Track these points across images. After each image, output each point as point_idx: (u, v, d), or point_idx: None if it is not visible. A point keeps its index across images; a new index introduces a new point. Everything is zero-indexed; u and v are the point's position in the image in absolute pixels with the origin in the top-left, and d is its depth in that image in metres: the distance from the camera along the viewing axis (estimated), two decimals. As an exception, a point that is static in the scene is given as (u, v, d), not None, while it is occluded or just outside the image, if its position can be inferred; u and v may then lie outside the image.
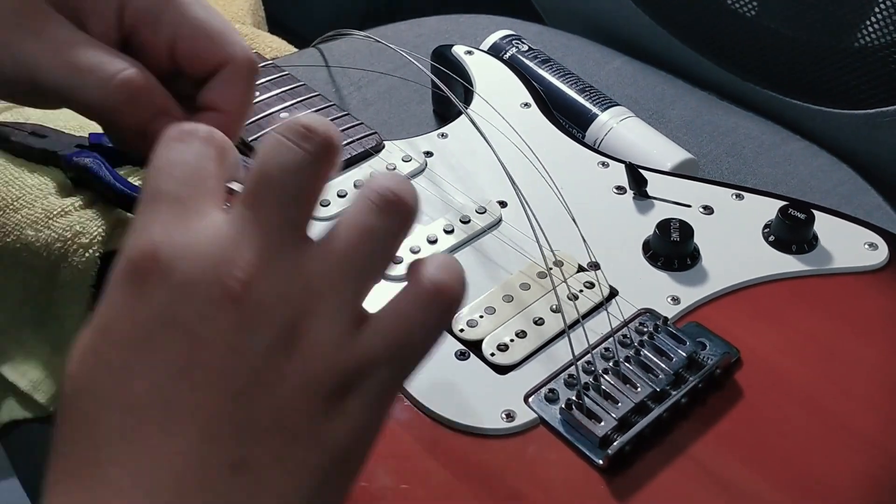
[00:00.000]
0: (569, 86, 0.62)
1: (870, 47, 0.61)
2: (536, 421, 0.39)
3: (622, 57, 0.71)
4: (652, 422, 0.38)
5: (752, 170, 0.62)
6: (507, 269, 0.46)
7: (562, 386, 0.40)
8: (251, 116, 0.54)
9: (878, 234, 0.47)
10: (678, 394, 0.39)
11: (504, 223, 0.48)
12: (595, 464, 0.37)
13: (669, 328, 0.42)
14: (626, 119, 0.59)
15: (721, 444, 0.38)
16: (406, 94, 0.67)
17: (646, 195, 0.50)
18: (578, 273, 0.45)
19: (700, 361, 0.40)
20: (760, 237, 0.47)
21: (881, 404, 0.40)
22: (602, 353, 0.41)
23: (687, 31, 0.69)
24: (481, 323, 0.43)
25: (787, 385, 0.41)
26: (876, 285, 0.45)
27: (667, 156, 0.57)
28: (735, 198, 0.49)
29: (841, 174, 0.62)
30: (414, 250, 0.47)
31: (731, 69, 0.67)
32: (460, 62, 0.60)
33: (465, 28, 0.74)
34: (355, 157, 0.52)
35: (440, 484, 0.37)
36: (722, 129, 0.65)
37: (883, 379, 0.41)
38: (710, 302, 0.44)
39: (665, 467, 0.37)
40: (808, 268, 0.45)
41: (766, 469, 0.37)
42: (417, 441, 0.38)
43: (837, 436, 0.39)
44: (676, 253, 0.45)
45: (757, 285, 0.45)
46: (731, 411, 0.40)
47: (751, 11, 0.66)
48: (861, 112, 0.62)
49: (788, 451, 0.38)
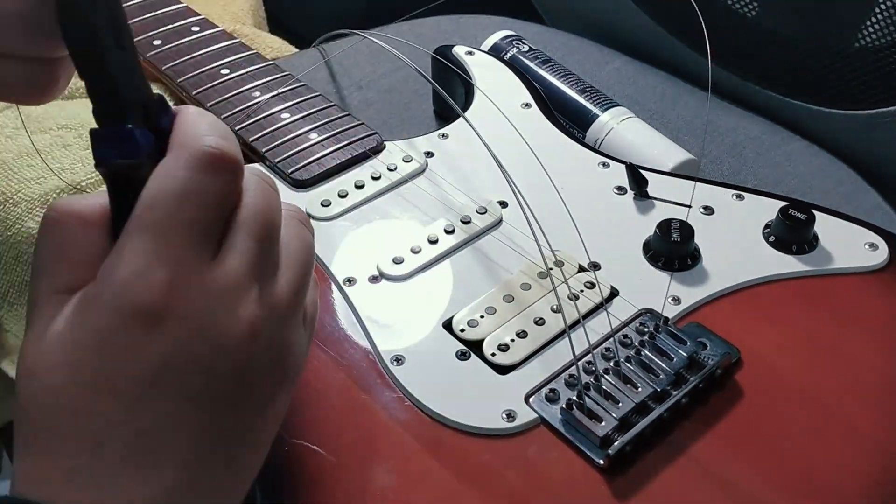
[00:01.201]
0: (569, 86, 0.62)
1: (870, 48, 0.61)
2: (537, 421, 0.39)
3: (622, 57, 0.71)
4: (653, 422, 0.38)
5: (752, 170, 0.62)
6: (507, 270, 0.46)
7: (562, 386, 0.40)
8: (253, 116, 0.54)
9: (878, 234, 0.47)
10: (679, 394, 0.39)
11: (505, 223, 0.49)
12: (596, 464, 0.37)
13: (670, 328, 0.42)
14: (626, 119, 0.59)
15: (721, 445, 0.38)
16: (407, 94, 0.67)
17: (646, 195, 0.50)
18: (579, 273, 0.45)
19: (700, 362, 0.40)
20: (761, 237, 0.47)
21: (882, 404, 0.40)
22: (603, 353, 0.41)
23: (687, 31, 0.69)
24: (482, 323, 0.43)
25: (788, 385, 0.41)
26: (876, 286, 0.45)
27: (667, 156, 0.57)
28: (735, 198, 0.49)
29: (841, 174, 0.62)
30: (415, 250, 0.47)
31: (731, 69, 0.67)
32: (461, 63, 0.60)
33: (465, 28, 0.74)
34: (356, 158, 0.52)
35: (441, 484, 0.37)
36: (722, 129, 0.65)
37: (883, 379, 0.41)
38: (711, 302, 0.44)
39: (665, 467, 0.38)
40: (809, 268, 0.45)
41: (767, 469, 0.38)
42: (418, 441, 0.38)
43: (838, 436, 0.39)
44: (677, 253, 0.45)
45: (757, 285, 0.45)
46: (731, 412, 0.40)
47: (751, 12, 0.66)
48: (861, 112, 0.62)
49: (789, 451, 0.38)
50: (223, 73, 0.58)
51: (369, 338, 0.43)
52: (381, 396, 0.40)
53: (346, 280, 0.45)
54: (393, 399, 0.40)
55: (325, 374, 0.41)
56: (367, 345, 0.42)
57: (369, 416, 0.40)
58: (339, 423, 0.39)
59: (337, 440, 0.38)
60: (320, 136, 0.53)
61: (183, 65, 0.59)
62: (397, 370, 0.41)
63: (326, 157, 0.52)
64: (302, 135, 0.53)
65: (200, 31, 0.62)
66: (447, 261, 0.47)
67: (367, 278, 0.45)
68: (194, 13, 0.65)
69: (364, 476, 0.37)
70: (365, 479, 0.37)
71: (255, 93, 0.56)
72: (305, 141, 0.53)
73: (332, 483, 0.37)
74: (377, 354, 0.42)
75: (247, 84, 0.57)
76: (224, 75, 0.58)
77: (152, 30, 0.63)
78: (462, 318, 0.43)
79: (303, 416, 0.39)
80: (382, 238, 0.48)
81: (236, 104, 0.55)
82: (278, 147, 0.52)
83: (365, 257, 0.46)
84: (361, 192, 0.50)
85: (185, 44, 0.61)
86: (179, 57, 0.60)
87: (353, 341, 0.43)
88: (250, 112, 0.55)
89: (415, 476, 0.37)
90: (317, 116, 0.55)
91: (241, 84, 0.57)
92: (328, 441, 0.38)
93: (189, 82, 0.57)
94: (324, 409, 0.40)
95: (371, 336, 0.43)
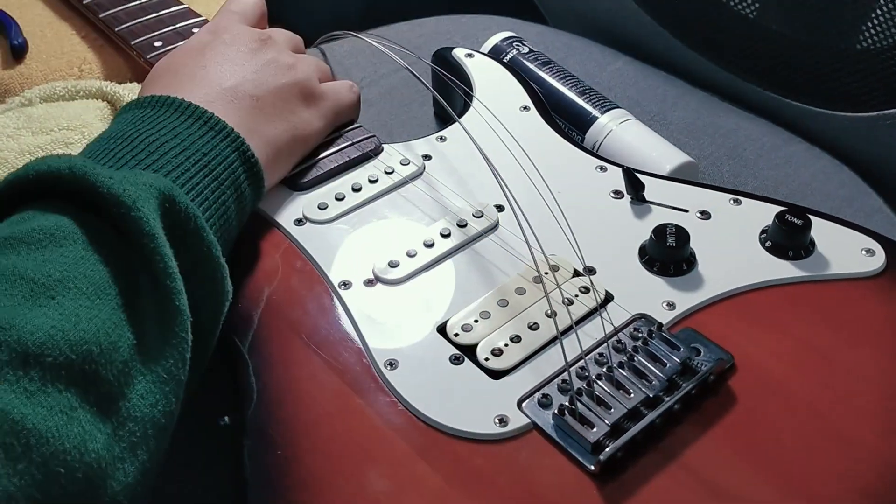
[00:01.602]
0: (569, 88, 0.61)
1: (871, 50, 0.61)
2: (529, 426, 0.39)
3: (624, 58, 0.71)
4: (645, 428, 0.38)
5: (752, 172, 0.62)
6: (502, 274, 0.46)
7: (555, 391, 0.40)
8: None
9: (875, 240, 0.46)
10: (671, 400, 0.39)
11: (501, 227, 0.49)
12: (587, 469, 0.37)
13: (664, 334, 0.42)
14: (625, 122, 0.59)
15: (714, 451, 0.38)
16: (407, 95, 0.67)
17: (643, 200, 0.49)
18: (574, 278, 0.45)
19: (694, 367, 0.40)
20: (757, 242, 0.47)
21: (877, 411, 0.40)
22: (596, 358, 0.41)
23: (688, 32, 0.69)
24: (476, 327, 0.43)
25: (782, 391, 0.40)
26: (873, 291, 0.45)
27: (666, 159, 0.57)
28: (732, 202, 0.49)
29: (842, 177, 0.62)
30: (410, 254, 0.47)
31: (732, 71, 0.67)
32: (461, 65, 0.60)
33: (465, 28, 0.74)
34: (353, 161, 0.52)
35: (433, 488, 0.37)
36: (723, 130, 0.65)
37: (879, 385, 0.41)
38: (706, 308, 0.44)
39: (657, 473, 0.38)
40: (805, 274, 0.45)
41: (760, 476, 0.37)
42: (410, 445, 0.38)
43: (832, 442, 0.39)
44: (672, 258, 0.45)
45: (753, 291, 0.45)
46: (724, 418, 0.40)
47: (752, 13, 0.66)
48: (862, 115, 0.62)
49: (782, 457, 0.38)
50: (223, 74, 0.58)
51: (363, 341, 0.43)
52: (374, 400, 0.40)
53: (341, 283, 0.45)
54: (386, 403, 0.40)
55: (318, 377, 0.41)
56: (362, 348, 0.42)
57: (362, 419, 0.40)
58: (332, 427, 0.39)
59: (330, 444, 0.39)
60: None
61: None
62: (391, 374, 0.41)
63: (324, 160, 0.52)
64: (300, 137, 0.53)
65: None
66: (443, 264, 0.47)
67: (363, 282, 0.46)
68: (195, 14, 0.65)
69: (357, 481, 0.37)
70: (357, 483, 0.37)
71: (254, 94, 0.56)
72: (303, 143, 0.53)
73: (324, 488, 0.37)
74: (371, 358, 0.42)
75: (246, 86, 0.57)
76: (224, 77, 0.58)
77: (154, 31, 0.63)
78: (456, 323, 0.43)
79: (296, 419, 0.39)
80: (379, 241, 0.48)
81: (235, 106, 0.55)
82: (276, 149, 0.52)
83: (361, 261, 0.47)
84: (358, 195, 0.50)
85: (185, 45, 0.61)
86: (179, 58, 0.60)
87: (348, 344, 0.43)
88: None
89: (407, 481, 0.38)
90: (315, 118, 0.55)
91: (241, 86, 0.57)
92: (321, 445, 0.39)
93: (189, 84, 0.57)
94: (317, 413, 0.40)
95: (365, 339, 0.43)
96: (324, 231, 0.48)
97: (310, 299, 0.45)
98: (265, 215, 0.49)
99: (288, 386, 0.41)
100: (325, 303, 0.45)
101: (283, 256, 0.47)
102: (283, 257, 0.47)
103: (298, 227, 0.49)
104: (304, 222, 0.49)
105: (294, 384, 0.41)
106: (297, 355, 0.42)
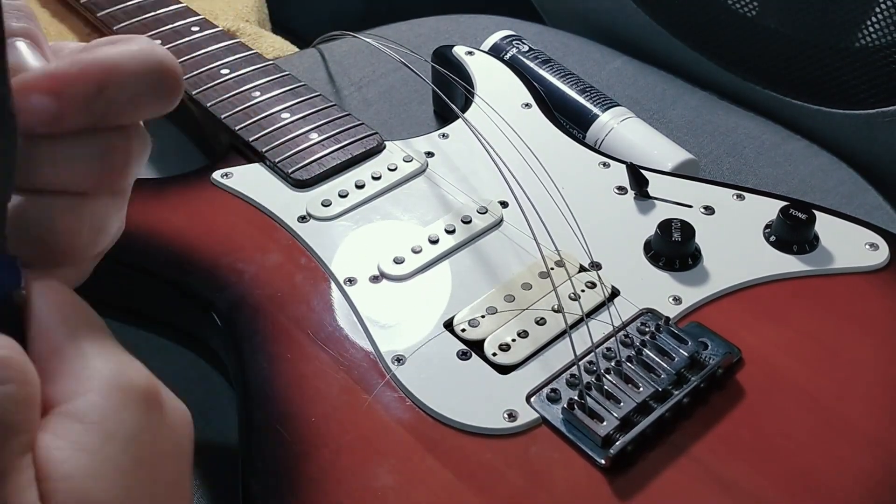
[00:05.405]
0: (569, 86, 0.62)
1: (870, 47, 0.61)
2: (538, 421, 0.39)
3: (622, 57, 0.71)
4: (654, 422, 0.38)
5: (752, 170, 0.62)
6: (508, 269, 0.46)
7: (564, 386, 0.40)
8: (253, 116, 0.54)
9: (878, 234, 0.47)
10: (680, 394, 0.39)
11: (505, 223, 0.49)
12: (597, 463, 0.37)
13: (671, 328, 0.42)
14: (626, 119, 0.59)
15: (723, 444, 0.38)
16: (407, 94, 0.67)
17: (647, 195, 0.50)
18: (580, 273, 0.45)
19: (702, 361, 0.40)
20: (761, 237, 0.47)
21: (883, 404, 0.40)
22: (604, 352, 0.41)
23: (687, 31, 0.69)
24: (483, 323, 0.43)
25: (789, 385, 0.41)
26: (877, 285, 0.45)
27: (668, 156, 0.57)
28: (736, 198, 0.49)
29: (841, 174, 0.62)
30: (415, 250, 0.47)
31: (731, 69, 0.68)
32: (461, 63, 0.60)
33: (465, 28, 0.74)
34: (356, 158, 0.52)
35: (442, 483, 0.37)
36: (722, 128, 0.65)
37: (884, 379, 0.41)
38: (712, 302, 0.44)
39: (667, 467, 0.37)
40: (809, 268, 0.45)
41: (768, 469, 0.38)
42: (419, 441, 0.38)
43: (839, 436, 0.39)
44: (678, 253, 0.45)
45: (758, 285, 0.45)
46: (732, 411, 0.40)
47: (751, 11, 0.66)
48: (861, 112, 0.62)
49: (790, 450, 0.38)
50: (223, 73, 0.58)
51: (370, 338, 0.42)
52: (382, 396, 0.40)
53: (346, 280, 0.45)
54: (394, 399, 0.40)
55: (325, 373, 0.41)
56: (368, 345, 0.42)
57: (370, 415, 0.40)
58: (340, 423, 0.39)
59: (338, 440, 0.38)
60: (320, 136, 0.53)
61: (183, 65, 0.59)
62: (398, 370, 0.41)
63: (327, 157, 0.52)
64: (302, 135, 0.53)
65: (200, 30, 0.62)
66: (448, 260, 0.47)
67: (368, 278, 0.45)
68: (194, 13, 0.65)
69: (365, 476, 0.37)
70: (366, 479, 0.37)
71: (254, 93, 0.56)
72: (306, 141, 0.53)
73: (332, 483, 0.37)
74: (378, 354, 0.42)
75: (247, 84, 0.57)
76: (224, 75, 0.58)
77: (152, 30, 0.63)
78: (463, 318, 0.43)
79: (303, 416, 0.39)
80: (383, 238, 0.48)
81: (236, 104, 0.55)
82: (278, 147, 0.52)
83: (366, 257, 0.46)
84: (362, 191, 0.50)
85: (184, 44, 0.61)
86: (179, 57, 0.60)
87: (354, 341, 0.43)
88: (250, 112, 0.55)
89: (416, 476, 0.37)
90: (317, 116, 0.55)
91: (241, 84, 0.57)
92: (329, 441, 0.38)
93: (189, 82, 0.57)
94: (324, 409, 0.40)
95: (372, 336, 0.43)
96: (328, 228, 0.48)
97: (315, 296, 0.45)
98: (269, 213, 0.49)
99: (296, 382, 0.41)
100: (331, 299, 0.45)
101: (288, 253, 0.47)
102: (287, 254, 0.47)
103: (302, 223, 0.48)
104: (307, 219, 0.49)
105: (301, 381, 0.41)
106: (303, 352, 0.42)
